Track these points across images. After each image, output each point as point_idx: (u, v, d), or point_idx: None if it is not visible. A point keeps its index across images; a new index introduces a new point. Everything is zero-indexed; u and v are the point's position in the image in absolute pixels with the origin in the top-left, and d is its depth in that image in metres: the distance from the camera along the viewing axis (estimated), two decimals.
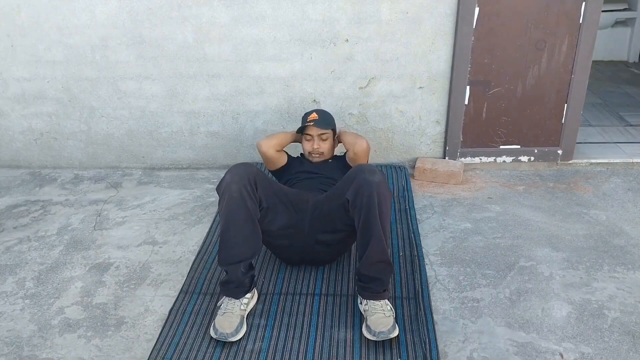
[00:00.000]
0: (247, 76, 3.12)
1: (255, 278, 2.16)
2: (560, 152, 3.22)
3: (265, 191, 2.09)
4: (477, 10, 2.88)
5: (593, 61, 3.18)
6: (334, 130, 2.59)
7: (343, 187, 2.06)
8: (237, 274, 2.03)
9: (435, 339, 1.93)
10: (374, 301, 2.00)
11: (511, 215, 2.78)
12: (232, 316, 1.98)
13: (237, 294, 2.04)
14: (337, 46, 3.01)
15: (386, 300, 2.02)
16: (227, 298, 2.04)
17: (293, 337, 1.97)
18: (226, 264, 2.02)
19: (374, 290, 2.01)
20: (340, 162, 2.60)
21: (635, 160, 3.25)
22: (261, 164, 3.30)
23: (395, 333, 1.90)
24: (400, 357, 1.87)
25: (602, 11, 3.02)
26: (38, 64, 3.15)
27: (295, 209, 2.17)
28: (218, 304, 2.07)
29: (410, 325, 2.01)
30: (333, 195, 2.13)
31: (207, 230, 2.68)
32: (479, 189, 3.06)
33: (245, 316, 2.04)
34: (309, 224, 2.17)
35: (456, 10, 2.89)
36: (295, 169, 2.56)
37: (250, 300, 2.08)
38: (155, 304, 2.22)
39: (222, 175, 3.27)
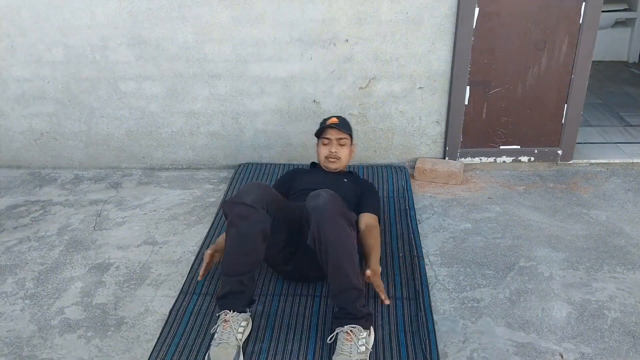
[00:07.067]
0: (247, 76, 3.12)
1: (255, 297, 2.06)
2: (560, 152, 3.22)
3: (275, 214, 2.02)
4: (477, 10, 2.88)
5: (593, 61, 3.17)
6: (351, 137, 2.54)
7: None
8: (240, 285, 1.94)
9: (435, 340, 1.93)
10: (345, 338, 1.83)
11: (511, 216, 2.78)
12: (229, 347, 1.83)
13: (238, 306, 1.94)
14: (337, 46, 3.01)
15: (360, 337, 1.83)
16: (221, 327, 1.88)
17: (293, 339, 1.97)
18: (232, 275, 1.94)
19: (342, 318, 1.89)
20: (354, 183, 2.51)
21: (635, 160, 3.25)
22: (265, 164, 3.30)
23: None
24: (400, 358, 1.87)
25: (602, 11, 3.02)
26: (38, 64, 3.15)
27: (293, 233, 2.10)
28: (212, 331, 1.95)
29: (410, 325, 2.01)
30: None
31: (207, 230, 2.68)
32: (479, 189, 3.06)
33: (241, 347, 1.88)
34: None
35: (456, 10, 2.89)
36: (304, 183, 2.45)
37: (245, 328, 1.95)
38: (155, 304, 2.22)
39: (222, 175, 3.29)
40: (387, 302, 2.10)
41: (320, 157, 2.53)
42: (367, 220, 2.31)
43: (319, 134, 2.51)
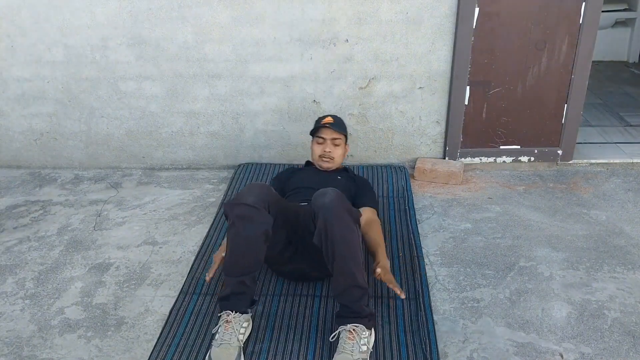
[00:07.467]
0: (247, 76, 3.12)
1: (256, 297, 2.07)
2: (560, 152, 3.21)
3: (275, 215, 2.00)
4: (477, 10, 2.88)
5: (593, 61, 3.17)
6: (346, 137, 2.55)
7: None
8: (241, 286, 1.94)
9: (435, 339, 1.93)
10: (347, 336, 1.84)
11: (511, 216, 2.78)
12: (230, 348, 1.82)
13: (240, 307, 1.94)
14: (337, 46, 3.01)
15: (362, 336, 1.85)
16: (222, 328, 1.88)
17: (293, 339, 1.97)
18: (234, 276, 1.93)
19: (345, 317, 1.90)
20: (347, 180, 2.51)
21: (635, 160, 3.25)
22: (265, 164, 3.30)
23: None
24: (400, 357, 1.87)
25: (602, 11, 3.02)
26: (38, 64, 3.15)
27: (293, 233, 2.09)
28: (213, 331, 1.95)
29: (410, 325, 2.01)
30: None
31: (207, 230, 2.68)
32: (479, 189, 3.06)
33: (242, 347, 1.87)
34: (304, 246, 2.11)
35: (456, 10, 2.89)
36: (298, 182, 2.46)
37: (247, 329, 1.95)
38: (155, 304, 2.22)
39: (222, 175, 3.29)
40: (402, 295, 2.07)
41: (314, 155, 2.54)
42: (366, 214, 2.30)
43: (314, 132, 2.53)
